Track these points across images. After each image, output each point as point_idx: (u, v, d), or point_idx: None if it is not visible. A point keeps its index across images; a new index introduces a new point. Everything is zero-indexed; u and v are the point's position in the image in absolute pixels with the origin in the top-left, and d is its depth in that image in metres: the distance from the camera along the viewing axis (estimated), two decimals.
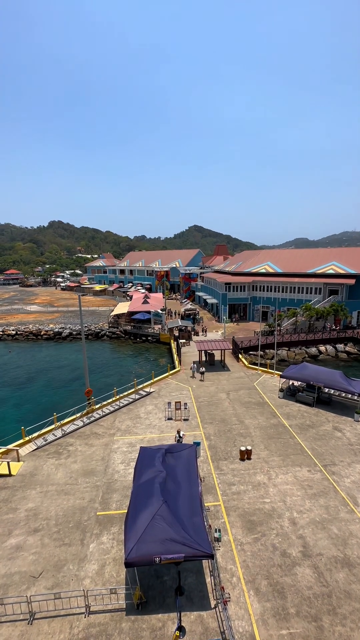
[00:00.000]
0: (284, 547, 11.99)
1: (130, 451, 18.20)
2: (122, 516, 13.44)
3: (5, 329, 52.92)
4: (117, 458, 17.70)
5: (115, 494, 14.88)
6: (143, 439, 19.53)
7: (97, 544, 12.27)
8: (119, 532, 12.75)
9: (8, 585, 10.77)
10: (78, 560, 11.60)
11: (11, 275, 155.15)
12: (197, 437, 19.57)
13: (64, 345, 48.72)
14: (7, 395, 30.96)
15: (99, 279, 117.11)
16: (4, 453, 17.95)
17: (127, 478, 15.80)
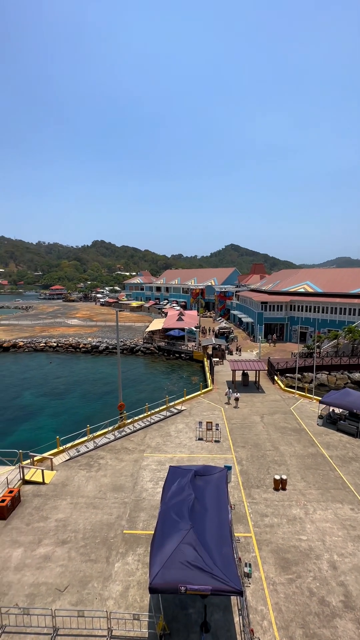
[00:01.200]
0: (322, 593, 10.85)
1: (159, 469, 17.93)
2: (148, 537, 13.12)
3: (48, 340, 56.05)
4: (146, 475, 17.51)
5: (142, 513, 14.63)
6: (172, 458, 19.19)
7: (122, 564, 12.03)
8: (144, 554, 12.42)
9: (35, 595, 10.86)
10: (103, 579, 11.43)
11: (56, 291, 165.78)
12: (228, 461, 18.82)
13: (100, 358, 50.32)
14: (46, 405, 32.36)
15: (136, 295, 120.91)
16: (39, 461, 18.58)
17: (155, 497, 15.51)
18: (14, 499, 14.94)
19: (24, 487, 16.47)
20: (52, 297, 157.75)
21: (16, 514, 14.60)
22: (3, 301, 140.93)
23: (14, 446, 19.89)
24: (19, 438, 25.21)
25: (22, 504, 15.24)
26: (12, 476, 16.92)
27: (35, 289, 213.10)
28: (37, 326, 71.04)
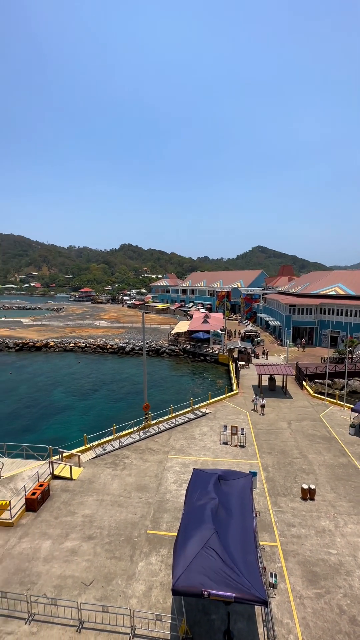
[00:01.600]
0: (353, 612, 10.29)
1: (183, 472, 17.92)
2: (171, 539, 13.13)
3: (77, 341, 58.00)
4: (169, 477, 17.56)
5: (166, 514, 14.68)
6: (196, 461, 19.11)
7: (146, 564, 12.13)
8: (167, 555, 12.44)
9: (62, 587, 11.22)
10: (127, 577, 11.58)
11: (85, 293, 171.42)
12: (254, 467, 18.42)
13: (126, 359, 51.28)
14: (74, 403, 33.46)
15: (162, 298, 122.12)
16: (68, 457, 19.23)
17: (179, 499, 15.50)
18: (44, 493, 15.55)
19: (53, 481, 17.11)
20: (81, 299, 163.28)
21: (45, 507, 15.18)
22: (36, 303, 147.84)
23: (44, 442, 20.74)
24: (49, 434, 26.25)
25: (51, 498, 15.83)
26: (42, 470, 17.63)
27: (65, 291, 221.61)
28: (67, 327, 73.77)
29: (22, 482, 16.92)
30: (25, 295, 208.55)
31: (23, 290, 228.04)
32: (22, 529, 13.86)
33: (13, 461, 19.09)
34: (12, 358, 51.59)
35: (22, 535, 13.51)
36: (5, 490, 16.32)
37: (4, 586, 11.17)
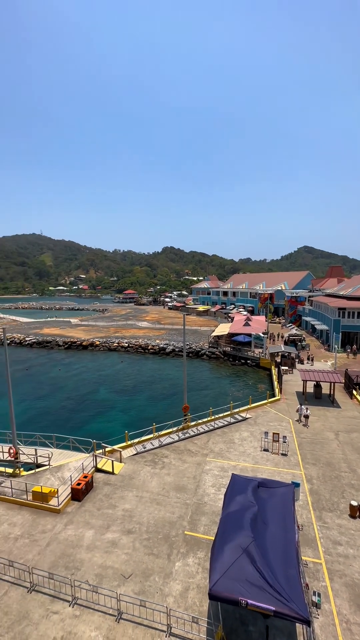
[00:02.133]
0: None
1: (222, 476, 17.69)
2: (208, 542, 13.03)
3: (120, 341, 60.26)
4: (208, 480, 17.45)
5: (203, 517, 14.61)
6: (236, 466, 18.74)
7: (183, 564, 12.17)
8: (204, 558, 12.36)
9: (102, 576, 11.70)
10: (164, 575, 11.72)
11: (128, 295, 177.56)
12: (296, 477, 17.58)
13: (166, 360, 52.06)
14: (117, 401, 34.78)
15: (202, 300, 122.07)
16: (110, 452, 20.03)
17: (217, 504, 15.33)
18: (88, 484, 16.37)
19: (96, 474, 17.93)
20: (125, 300, 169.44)
21: (89, 498, 15.97)
22: (83, 304, 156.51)
23: (89, 436, 21.83)
24: (93, 429, 27.57)
25: (94, 490, 16.60)
26: (87, 463, 18.58)
27: (110, 293, 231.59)
28: (111, 327, 77.00)
29: (68, 472, 17.99)
30: (74, 296, 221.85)
31: (72, 292, 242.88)
32: (68, 517, 14.72)
33: (61, 452, 20.38)
34: (62, 355, 55.14)
35: (67, 523, 14.35)
36: (53, 479, 17.49)
37: (51, 568, 11.95)
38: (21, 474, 18.21)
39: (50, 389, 38.68)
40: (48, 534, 13.71)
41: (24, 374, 44.18)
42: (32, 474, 18.17)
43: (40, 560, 12.35)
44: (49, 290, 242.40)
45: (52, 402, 34.58)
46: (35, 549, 12.95)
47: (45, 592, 11.14)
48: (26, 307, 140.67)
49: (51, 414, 31.27)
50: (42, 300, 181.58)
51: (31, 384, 40.22)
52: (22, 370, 46.07)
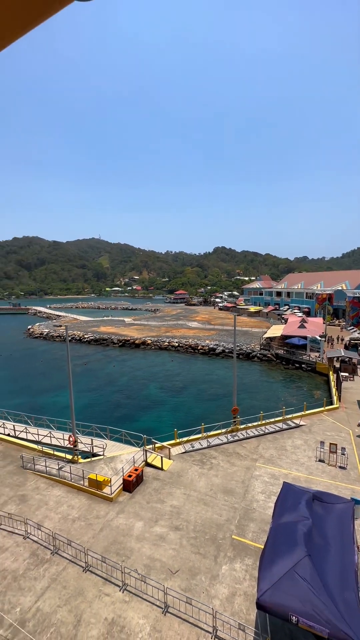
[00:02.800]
0: None
1: (272, 483, 17.01)
2: (257, 550, 12.64)
3: (171, 340, 61.46)
4: (257, 486, 16.92)
5: (252, 524, 14.20)
6: (287, 475, 17.86)
7: (230, 569, 11.98)
8: (252, 566, 12.02)
9: (150, 568, 12.06)
10: (210, 576, 11.67)
11: (179, 295, 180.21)
12: (357, 494, 16.13)
13: (216, 361, 51.71)
14: (166, 398, 35.55)
15: (254, 300, 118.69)
16: (159, 448, 20.56)
17: (266, 512, 14.79)
18: (138, 477, 17.02)
19: (146, 468, 18.56)
20: (175, 301, 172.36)
21: (139, 491, 16.58)
22: (136, 304, 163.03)
23: (138, 430, 22.66)
24: (143, 424, 28.56)
25: (144, 483, 17.20)
26: (138, 457, 19.33)
27: (162, 293, 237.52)
28: (162, 327, 78.94)
29: (120, 463, 18.91)
30: (128, 297, 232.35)
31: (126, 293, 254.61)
32: (119, 506, 15.47)
33: (114, 444, 21.51)
34: (116, 352, 58.14)
35: (119, 512, 15.09)
36: (107, 468, 18.53)
37: (104, 552, 12.68)
38: (79, 461, 19.63)
39: (105, 383, 41.05)
40: (101, 520, 14.57)
41: (82, 369, 47.55)
42: (88, 462, 19.47)
43: (94, 544, 13.19)
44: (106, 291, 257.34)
45: (106, 395, 36.67)
46: (90, 532, 13.86)
47: (98, 574, 11.87)
48: (85, 307, 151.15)
49: (105, 407, 33.16)
50: (99, 300, 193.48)
51: (88, 378, 43.12)
52: (80, 365, 49.64)
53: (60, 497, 16.30)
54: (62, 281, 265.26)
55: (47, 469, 18.41)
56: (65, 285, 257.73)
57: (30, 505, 15.66)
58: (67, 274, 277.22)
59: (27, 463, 19.10)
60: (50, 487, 17.13)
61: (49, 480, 17.76)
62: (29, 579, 11.74)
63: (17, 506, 15.60)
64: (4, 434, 23.17)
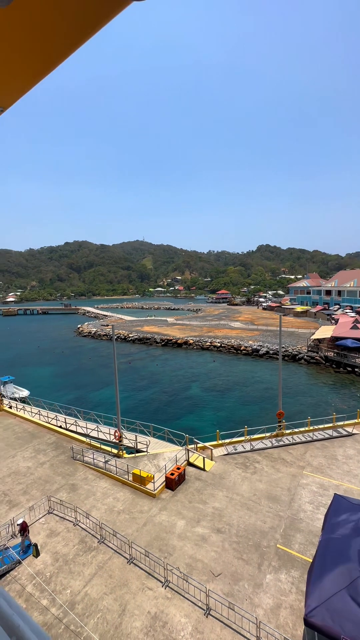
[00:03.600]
0: None
1: (322, 494, 16.01)
2: (304, 562, 11.99)
3: (213, 340, 61.06)
4: (304, 495, 16.06)
5: (298, 534, 13.51)
6: (339, 487, 16.69)
7: (275, 579, 11.52)
8: (299, 579, 11.43)
9: (192, 567, 12.06)
10: (254, 584, 11.33)
11: (222, 295, 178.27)
12: None
13: (259, 362, 50.24)
14: (208, 399, 35.38)
15: (301, 299, 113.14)
16: (202, 448, 20.50)
17: (315, 524, 13.97)
18: (180, 476, 17.14)
19: (188, 468, 18.62)
20: (218, 300, 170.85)
21: (181, 489, 16.69)
22: (179, 304, 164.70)
23: (180, 429, 22.84)
24: (185, 423, 28.74)
25: (186, 482, 17.27)
26: (180, 455, 19.47)
27: (204, 293, 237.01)
28: (204, 327, 78.76)
29: (163, 461, 19.21)
30: (170, 297, 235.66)
31: (169, 293, 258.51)
32: (162, 503, 15.72)
33: (157, 441, 21.93)
34: (159, 352, 59.31)
35: (161, 508, 15.33)
36: (150, 465, 18.95)
37: (147, 546, 12.97)
38: (123, 455, 20.35)
39: (148, 381, 42.10)
40: (145, 515, 14.93)
41: (127, 367, 49.31)
42: (132, 457, 20.09)
43: (137, 537, 13.55)
44: (149, 292, 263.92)
45: (149, 393, 37.57)
46: (133, 525, 14.28)
47: (141, 567, 12.17)
48: (130, 307, 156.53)
49: (148, 405, 33.98)
50: (143, 301, 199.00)
51: (132, 376, 44.57)
52: (125, 363, 51.51)
53: (107, 489, 17.03)
54: (109, 282, 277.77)
55: (94, 461, 19.38)
56: (112, 287, 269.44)
57: (80, 495, 16.59)
58: (113, 275, 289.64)
59: (76, 454, 20.28)
60: (98, 479, 17.99)
61: (96, 472, 18.66)
62: (78, 564, 12.43)
63: (67, 494, 16.63)
64: (57, 426, 24.88)
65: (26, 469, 19.17)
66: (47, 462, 19.82)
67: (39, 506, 15.51)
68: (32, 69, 1.45)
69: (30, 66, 1.43)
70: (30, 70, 1.45)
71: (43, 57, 1.40)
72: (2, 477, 18.45)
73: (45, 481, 17.85)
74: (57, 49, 1.38)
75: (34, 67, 1.45)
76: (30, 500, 16.16)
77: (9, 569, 12.30)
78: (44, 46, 1.34)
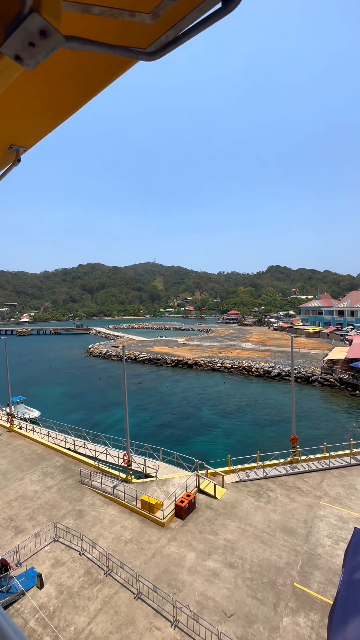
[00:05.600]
0: None
1: (341, 527, 15.05)
2: (324, 605, 11.11)
3: (223, 361, 60.34)
4: (322, 528, 15.12)
5: (317, 572, 12.61)
6: (359, 519, 15.68)
7: (292, 622, 10.67)
8: (320, 623, 10.55)
9: (203, 606, 11.32)
10: (270, 627, 10.52)
11: (232, 315, 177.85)
12: None
13: (271, 384, 49.12)
14: (219, 422, 34.50)
15: (313, 320, 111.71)
16: (212, 474, 19.78)
17: (334, 560, 13.05)
18: (191, 504, 16.47)
19: (198, 495, 17.92)
20: (228, 321, 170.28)
21: (191, 519, 15.99)
22: (189, 324, 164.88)
23: (190, 453, 22.18)
24: (195, 447, 27.93)
25: (197, 511, 16.56)
26: (190, 482, 18.81)
27: (214, 314, 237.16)
28: (215, 347, 78.17)
29: (172, 487, 18.58)
30: (181, 317, 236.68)
31: (179, 314, 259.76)
32: (171, 533, 15.04)
33: (166, 466, 21.32)
34: (169, 372, 58.84)
35: (170, 539, 14.65)
36: (159, 491, 18.34)
37: (155, 580, 12.32)
38: (132, 480, 19.80)
39: (158, 403, 41.51)
40: (153, 545, 14.28)
41: (136, 387, 48.93)
42: (141, 482, 19.51)
43: (145, 570, 12.91)
44: (160, 312, 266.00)
45: (159, 415, 36.94)
46: (141, 557, 13.65)
47: (149, 604, 11.50)
48: (140, 327, 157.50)
49: (158, 427, 33.32)
50: (154, 321, 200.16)
51: (142, 397, 44.10)
52: (135, 384, 51.16)
53: (114, 517, 16.47)
54: (120, 303, 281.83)
55: (102, 485, 18.89)
56: (123, 307, 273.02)
57: (87, 522, 16.08)
58: (124, 296, 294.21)
59: (84, 478, 19.85)
60: (105, 505, 17.45)
61: (104, 497, 18.14)
62: (83, 598, 11.85)
63: (74, 521, 16.14)
64: (66, 448, 24.58)
65: (33, 492, 18.82)
66: (54, 485, 19.44)
67: (44, 533, 15.07)
68: (51, 115, 1.66)
69: (49, 113, 1.64)
70: (50, 115, 1.66)
71: (60, 107, 1.63)
72: (9, 500, 18.14)
73: (52, 506, 17.43)
74: (72, 100, 1.61)
75: (52, 114, 1.65)
76: (36, 527, 15.74)
77: (13, 600, 11.84)
78: (59, 97, 1.57)
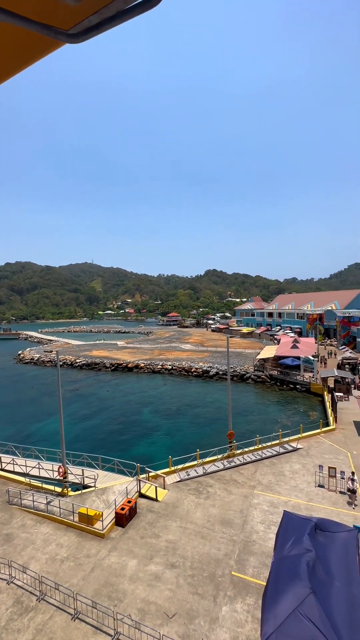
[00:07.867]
0: None
1: (272, 512, 16.32)
2: (259, 587, 11.88)
3: (164, 363, 60.80)
4: (256, 515, 16.20)
5: (252, 558, 13.45)
6: (287, 502, 17.20)
7: (230, 610, 11.17)
8: (254, 605, 11.24)
9: (145, 612, 11.16)
10: (210, 620, 10.84)
11: (172, 318, 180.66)
12: (358, 520, 15.55)
13: (210, 383, 51.10)
14: (160, 423, 34.62)
15: (246, 321, 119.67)
16: (154, 477, 19.72)
17: (267, 543, 14.07)
18: (132, 510, 16.15)
19: (139, 500, 17.67)
20: (168, 323, 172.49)
21: (132, 525, 15.69)
22: (129, 327, 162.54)
23: (132, 458, 21.83)
24: (136, 451, 27.55)
25: (138, 516, 16.31)
26: (131, 487, 18.44)
27: (155, 316, 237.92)
28: (155, 350, 78.34)
29: (112, 495, 17.99)
30: (121, 320, 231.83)
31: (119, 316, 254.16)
32: (111, 543, 14.54)
33: (106, 474, 20.57)
34: (109, 377, 57.07)
35: (111, 549, 14.16)
36: (98, 501, 17.59)
37: (95, 596, 11.74)
38: (68, 493, 18.63)
39: (97, 409, 39.92)
40: (92, 559, 13.62)
41: (73, 394, 46.33)
42: (79, 494, 18.49)
43: (84, 586, 12.24)
44: (98, 315, 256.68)
45: (98, 422, 35.54)
46: (80, 573, 12.90)
47: (88, 622, 10.91)
48: (77, 331, 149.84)
49: (97, 434, 32.03)
50: (92, 324, 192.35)
51: (80, 404, 41.93)
52: (72, 390, 48.41)
53: (49, 535, 15.28)
54: (55, 305, 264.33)
55: (34, 503, 17.38)
56: (58, 310, 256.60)
57: (16, 545, 14.61)
58: (59, 298, 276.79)
59: (13, 498, 18.03)
60: (38, 524, 16.09)
61: (37, 516, 16.72)
62: (11, 632, 10.70)
63: (0, 547, 14.52)
64: None
65: None
66: None
67: None
68: None
69: None
70: None
71: None
72: None
73: None
74: None
75: None
76: None
77: None
78: None
